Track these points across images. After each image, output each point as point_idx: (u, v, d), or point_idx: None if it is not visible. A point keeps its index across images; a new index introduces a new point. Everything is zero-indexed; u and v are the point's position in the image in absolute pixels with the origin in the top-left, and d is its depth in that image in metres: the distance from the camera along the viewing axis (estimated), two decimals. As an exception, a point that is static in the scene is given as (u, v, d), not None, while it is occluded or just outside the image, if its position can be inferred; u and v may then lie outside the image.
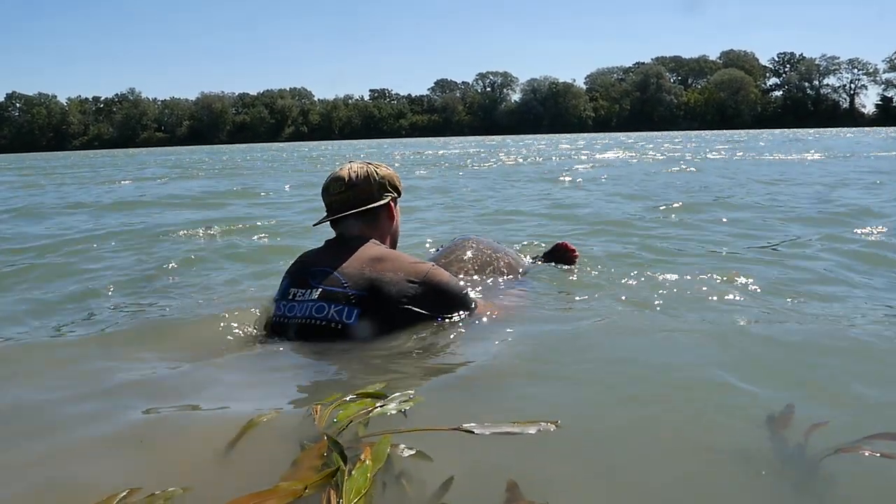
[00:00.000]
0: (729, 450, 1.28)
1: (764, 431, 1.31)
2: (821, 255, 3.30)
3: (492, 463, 1.24)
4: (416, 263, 1.95)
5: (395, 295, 1.87)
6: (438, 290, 1.93)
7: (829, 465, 1.18)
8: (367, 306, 1.85)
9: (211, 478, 1.20)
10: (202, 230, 4.92)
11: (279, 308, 1.98)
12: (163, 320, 2.46)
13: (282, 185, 10.35)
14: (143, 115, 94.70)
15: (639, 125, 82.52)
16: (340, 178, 2.03)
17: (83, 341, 2.19)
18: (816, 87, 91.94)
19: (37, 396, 1.68)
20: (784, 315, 2.16)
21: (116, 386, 1.69)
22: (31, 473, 1.27)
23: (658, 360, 1.80)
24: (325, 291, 1.88)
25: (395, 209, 2.14)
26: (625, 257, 3.37)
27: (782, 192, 6.94)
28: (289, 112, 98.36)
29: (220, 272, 3.34)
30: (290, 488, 1.14)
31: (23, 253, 4.05)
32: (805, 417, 1.33)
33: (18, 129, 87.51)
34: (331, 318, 1.86)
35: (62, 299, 2.83)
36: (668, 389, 1.59)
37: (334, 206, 2.05)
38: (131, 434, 1.41)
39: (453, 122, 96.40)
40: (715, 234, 4.22)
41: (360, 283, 1.87)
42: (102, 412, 1.52)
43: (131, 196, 8.92)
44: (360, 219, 2.04)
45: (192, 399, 1.58)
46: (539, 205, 6.53)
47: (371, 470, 1.18)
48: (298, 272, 2.00)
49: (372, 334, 1.86)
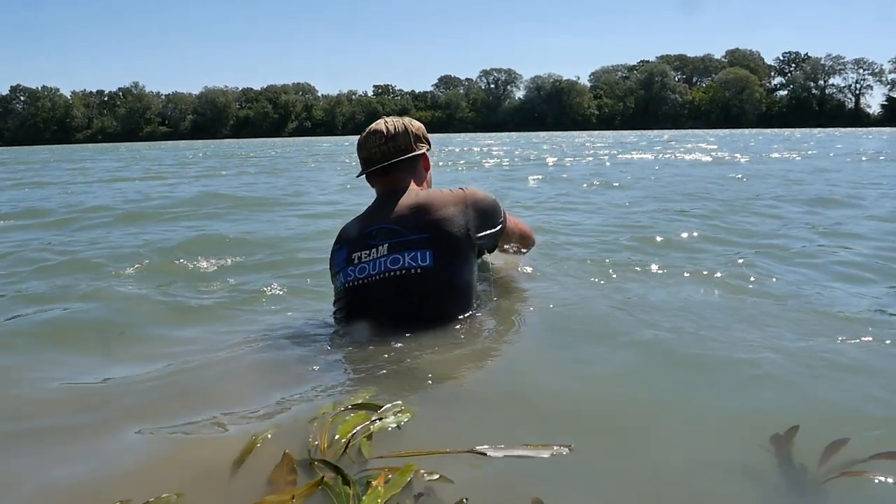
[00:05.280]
0: (733, 468, 1.27)
1: (768, 451, 1.30)
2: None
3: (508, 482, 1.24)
4: (453, 191, 2.06)
5: (454, 226, 1.98)
6: (479, 207, 2.05)
7: (834, 487, 1.17)
8: (436, 245, 1.95)
9: (204, 493, 1.19)
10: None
11: (348, 274, 2.02)
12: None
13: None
14: (147, 109, 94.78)
15: (643, 123, 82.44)
16: (379, 131, 2.12)
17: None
18: (822, 87, 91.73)
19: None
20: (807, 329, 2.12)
21: (111, 395, 1.68)
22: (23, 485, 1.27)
23: (669, 373, 1.79)
24: (391, 245, 1.97)
25: (429, 159, 2.27)
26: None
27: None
28: (292, 107, 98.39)
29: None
30: (278, 500, 1.15)
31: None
32: (813, 437, 1.31)
33: (23, 122, 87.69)
34: (408, 266, 1.94)
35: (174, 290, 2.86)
36: (674, 406, 1.58)
37: (375, 159, 2.12)
38: (123, 448, 1.39)
39: (456, 119, 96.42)
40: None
41: (421, 226, 1.97)
42: (88, 426, 1.52)
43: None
44: (404, 168, 2.13)
45: (184, 410, 1.57)
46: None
47: (383, 496, 1.16)
48: (355, 237, 2.06)
49: (448, 271, 1.97)
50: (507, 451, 1.30)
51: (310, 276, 3.08)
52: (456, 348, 1.89)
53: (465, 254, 2.01)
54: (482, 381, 1.77)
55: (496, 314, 2.22)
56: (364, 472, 1.22)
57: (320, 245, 2.27)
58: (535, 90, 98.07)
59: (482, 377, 1.80)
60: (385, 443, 1.34)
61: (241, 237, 4.47)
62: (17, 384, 1.82)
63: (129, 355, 2.06)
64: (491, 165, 14.34)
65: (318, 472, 1.22)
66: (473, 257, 2.05)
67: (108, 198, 8.01)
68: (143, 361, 1.93)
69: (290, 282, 3.04)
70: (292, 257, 3.72)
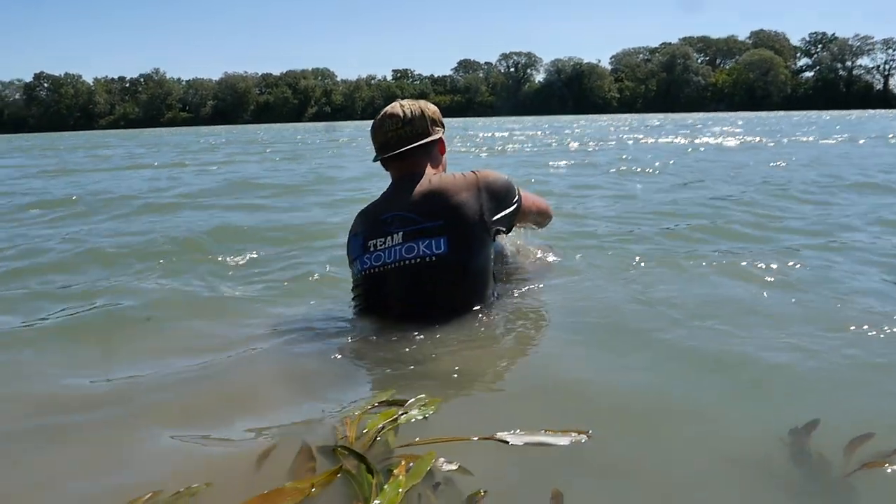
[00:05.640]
0: (750, 463, 1.27)
1: (787, 444, 1.31)
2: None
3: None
4: (465, 175, 2.05)
5: (468, 212, 1.97)
6: (492, 189, 2.03)
7: (855, 482, 1.17)
8: (450, 232, 1.95)
9: (233, 486, 1.20)
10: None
11: (364, 262, 2.03)
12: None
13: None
14: (168, 95, 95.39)
15: (665, 107, 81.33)
16: (396, 115, 2.09)
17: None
18: (849, 68, 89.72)
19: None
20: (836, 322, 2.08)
21: (135, 391, 1.69)
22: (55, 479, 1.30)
23: (692, 363, 1.78)
24: (406, 233, 1.97)
25: (444, 143, 2.24)
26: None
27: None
28: (312, 92, 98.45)
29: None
30: (298, 487, 1.17)
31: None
32: (834, 434, 1.31)
33: (46, 108, 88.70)
34: (423, 254, 1.94)
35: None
36: (693, 401, 1.58)
37: (391, 143, 2.10)
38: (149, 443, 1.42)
39: (476, 103, 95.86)
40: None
41: (435, 213, 1.96)
42: (114, 421, 1.54)
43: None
44: (420, 153, 2.11)
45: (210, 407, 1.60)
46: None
47: (404, 485, 1.17)
48: (370, 224, 2.06)
49: (462, 258, 1.97)
50: (527, 437, 1.33)
51: (330, 264, 3.11)
52: (474, 342, 1.90)
53: (481, 239, 2.00)
54: (502, 375, 1.78)
55: (514, 305, 2.22)
56: (386, 461, 1.24)
57: (342, 231, 2.26)
58: (556, 73, 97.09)
59: (501, 371, 1.81)
60: (409, 434, 1.36)
61: (262, 225, 4.50)
62: (43, 380, 1.84)
63: (153, 350, 2.08)
64: (513, 150, 14.25)
65: (340, 460, 1.24)
66: (489, 242, 2.05)
67: (130, 186, 8.09)
68: (167, 356, 1.95)
69: (313, 269, 3.08)
70: (313, 245, 3.74)
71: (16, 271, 3.25)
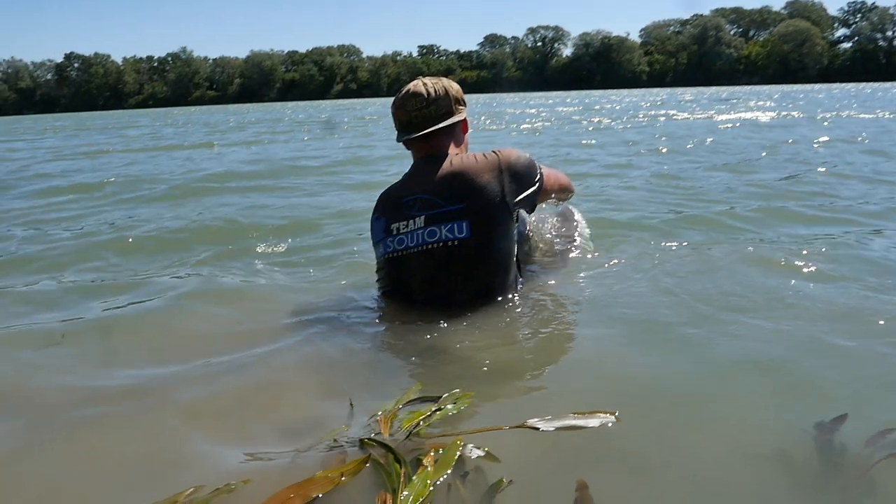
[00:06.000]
0: (773, 457, 1.27)
1: (811, 436, 1.31)
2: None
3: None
4: (487, 156, 2.02)
5: (490, 194, 1.95)
6: (514, 170, 2.01)
7: (876, 474, 1.17)
8: (472, 216, 1.94)
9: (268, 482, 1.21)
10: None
11: (387, 245, 2.04)
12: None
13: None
14: (196, 74, 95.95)
15: (695, 80, 79.60)
16: (419, 94, 2.05)
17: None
18: (889, 39, 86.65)
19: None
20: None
21: (165, 387, 1.72)
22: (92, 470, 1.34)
23: (714, 356, 1.77)
24: (428, 217, 1.97)
25: (467, 122, 2.21)
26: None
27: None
28: (337, 69, 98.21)
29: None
30: (328, 476, 1.19)
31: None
32: (859, 427, 1.31)
33: (77, 88, 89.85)
34: (445, 238, 1.94)
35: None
36: (720, 386, 1.59)
37: (414, 123, 2.07)
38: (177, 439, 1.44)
39: (503, 78, 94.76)
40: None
41: (457, 196, 1.94)
42: (144, 414, 1.56)
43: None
44: (445, 133, 2.09)
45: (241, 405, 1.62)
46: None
47: (432, 476, 1.19)
48: (392, 207, 2.05)
49: (486, 241, 1.96)
50: (557, 422, 1.34)
51: (357, 246, 3.13)
52: (499, 330, 1.91)
53: (504, 221, 1.98)
54: (528, 364, 1.78)
55: (540, 292, 2.21)
56: (415, 451, 1.26)
57: (367, 214, 2.25)
58: (584, 47, 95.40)
59: (528, 361, 1.81)
60: (441, 426, 1.37)
61: (288, 210, 4.53)
62: (78, 374, 1.85)
63: (180, 341, 2.10)
64: (541, 127, 14.09)
65: (369, 451, 1.26)
66: (512, 224, 2.03)
67: (161, 168, 8.17)
68: (194, 349, 1.95)
69: (339, 252, 3.10)
70: (341, 228, 3.77)
71: (27, 259, 3.30)
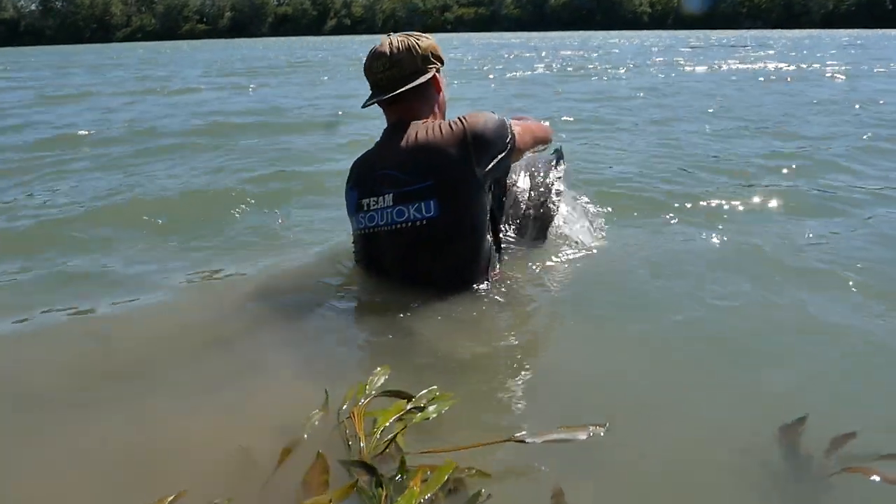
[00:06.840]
0: (742, 456, 1.28)
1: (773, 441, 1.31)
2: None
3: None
4: (452, 127, 1.91)
5: (457, 169, 1.88)
6: (482, 138, 1.89)
7: (837, 483, 1.18)
8: (439, 193, 1.87)
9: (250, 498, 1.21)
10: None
11: (359, 221, 2.01)
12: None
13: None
14: (185, 6, 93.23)
15: (697, 23, 77.91)
16: (383, 53, 1.96)
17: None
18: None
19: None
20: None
21: (148, 368, 1.69)
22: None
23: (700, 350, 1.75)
24: (396, 195, 1.91)
25: (441, 80, 2.10)
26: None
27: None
28: (331, 3, 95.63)
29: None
30: (317, 502, 1.16)
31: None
32: (823, 429, 1.31)
33: (63, 20, 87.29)
34: (413, 218, 1.90)
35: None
36: (697, 388, 1.56)
37: (380, 85, 1.99)
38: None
39: (501, 16, 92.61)
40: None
41: (423, 173, 1.88)
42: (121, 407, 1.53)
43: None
44: (412, 96, 1.99)
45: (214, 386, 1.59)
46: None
47: (418, 497, 1.16)
48: (364, 180, 2.00)
49: (455, 218, 1.90)
50: (545, 436, 1.29)
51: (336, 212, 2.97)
52: (474, 315, 1.89)
53: (474, 196, 1.92)
54: (505, 360, 1.74)
55: (516, 274, 2.15)
56: (394, 465, 1.23)
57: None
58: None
59: (503, 355, 1.76)
60: (420, 430, 1.34)
61: (271, 172, 4.33)
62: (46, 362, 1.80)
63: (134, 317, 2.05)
64: (541, 72, 13.77)
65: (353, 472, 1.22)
66: (484, 196, 1.95)
67: (148, 113, 7.97)
68: (158, 332, 1.91)
69: (318, 220, 3.03)
70: (316, 189, 3.67)
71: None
